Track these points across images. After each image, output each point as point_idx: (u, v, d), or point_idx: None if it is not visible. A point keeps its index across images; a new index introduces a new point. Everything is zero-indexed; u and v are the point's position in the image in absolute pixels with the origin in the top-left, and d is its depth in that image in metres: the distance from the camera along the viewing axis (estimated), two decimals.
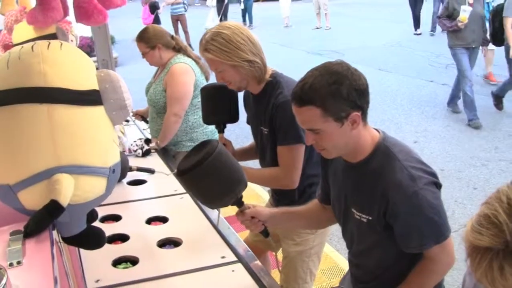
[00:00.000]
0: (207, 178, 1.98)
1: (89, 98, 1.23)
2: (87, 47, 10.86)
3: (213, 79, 2.90)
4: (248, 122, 2.96)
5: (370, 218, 1.90)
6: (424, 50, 12.77)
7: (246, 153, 3.02)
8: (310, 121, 1.82)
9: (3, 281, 0.82)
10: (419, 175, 1.80)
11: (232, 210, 2.29)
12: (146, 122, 4.39)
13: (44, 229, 1.14)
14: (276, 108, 2.49)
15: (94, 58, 5.17)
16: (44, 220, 1.14)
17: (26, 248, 1.07)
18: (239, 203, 2.15)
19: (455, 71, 7.93)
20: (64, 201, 1.13)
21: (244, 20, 18.39)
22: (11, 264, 1.00)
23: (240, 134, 5.94)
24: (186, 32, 15.09)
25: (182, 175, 2.01)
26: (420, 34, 14.62)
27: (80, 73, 1.24)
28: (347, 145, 1.87)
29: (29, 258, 1.03)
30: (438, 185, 1.86)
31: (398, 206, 1.79)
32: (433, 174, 1.87)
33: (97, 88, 1.26)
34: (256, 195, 5.36)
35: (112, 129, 1.31)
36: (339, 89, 1.75)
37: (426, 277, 1.94)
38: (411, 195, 1.77)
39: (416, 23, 14.76)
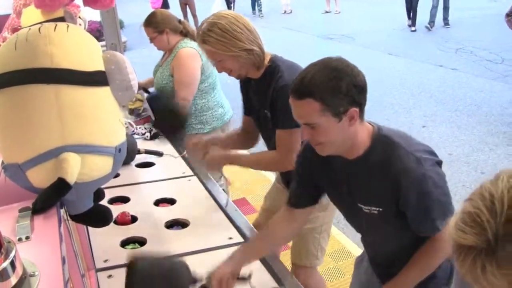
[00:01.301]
0: None
1: (95, 78, 1.25)
2: (96, 32, 10.85)
3: None
4: (245, 113, 2.95)
5: (381, 209, 1.91)
6: (433, 34, 12.70)
7: (228, 143, 3.06)
8: (308, 115, 1.80)
9: (12, 253, 0.85)
10: (424, 157, 1.81)
11: (240, 193, 2.33)
12: (148, 92, 4.38)
13: (51, 206, 1.17)
14: (277, 92, 2.49)
15: (103, 43, 5.19)
16: (51, 197, 1.17)
17: (34, 224, 1.10)
18: (196, 282, 2.01)
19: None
20: (71, 179, 1.16)
21: (253, 8, 18.19)
22: (20, 239, 1.03)
23: None
24: (194, 16, 15.04)
25: None
26: (415, 31, 13.35)
27: (86, 54, 1.26)
28: (344, 142, 1.85)
29: (37, 234, 1.06)
30: (439, 163, 1.88)
31: (410, 190, 1.80)
32: (433, 153, 1.90)
33: (103, 69, 1.28)
34: (263, 177, 5.38)
35: (118, 109, 1.34)
36: (338, 85, 1.73)
37: (433, 256, 1.95)
38: (420, 178, 1.78)
39: (412, 17, 13.50)
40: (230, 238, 2.52)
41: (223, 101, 4.01)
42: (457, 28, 13.05)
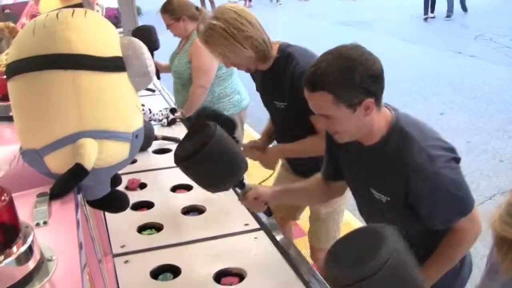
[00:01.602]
0: (207, 164, 1.92)
1: (113, 64, 1.25)
2: (114, 18, 10.85)
3: None
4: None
5: (389, 199, 1.90)
6: (453, 21, 12.56)
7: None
8: (322, 106, 1.79)
9: (30, 238, 0.85)
10: (437, 154, 1.78)
11: (255, 180, 2.33)
12: (158, 77, 4.42)
13: (68, 192, 1.17)
14: (298, 80, 2.47)
15: (121, 29, 5.21)
16: (68, 183, 1.17)
17: (51, 209, 1.10)
18: (241, 185, 2.14)
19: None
20: (88, 165, 1.16)
21: None
22: (37, 224, 1.04)
23: None
24: (212, 1, 15.03)
25: (181, 161, 1.96)
26: (433, 17, 12.91)
27: (103, 40, 1.26)
28: (360, 130, 1.84)
29: (55, 219, 1.07)
30: (457, 160, 1.85)
31: (420, 188, 1.79)
32: (451, 149, 1.85)
33: (120, 55, 1.28)
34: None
35: (135, 95, 1.34)
36: (352, 76, 1.70)
37: (456, 248, 1.94)
38: (432, 176, 1.76)
39: (431, 5, 12.94)
40: (246, 224, 2.53)
41: (240, 87, 4.01)
42: (477, 15, 12.89)
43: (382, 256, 1.44)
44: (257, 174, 2.98)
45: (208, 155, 1.89)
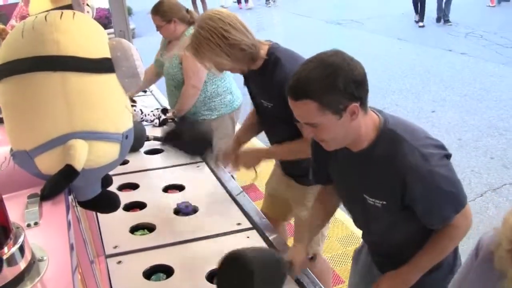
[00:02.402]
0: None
1: (102, 66, 1.26)
2: (105, 19, 10.85)
3: None
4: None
5: (385, 203, 1.90)
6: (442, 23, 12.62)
7: (247, 132, 3.07)
8: (307, 115, 1.77)
9: (21, 239, 0.86)
10: (430, 152, 1.78)
11: (248, 179, 2.34)
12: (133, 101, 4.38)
13: (59, 193, 1.18)
14: (283, 85, 2.48)
15: (111, 30, 5.20)
16: (59, 183, 1.18)
17: (42, 210, 1.11)
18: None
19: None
20: (79, 165, 1.16)
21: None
22: (28, 225, 1.04)
23: None
24: (203, 2, 15.00)
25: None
26: (423, 27, 12.27)
27: (92, 41, 1.27)
28: (347, 136, 1.83)
29: (46, 220, 1.08)
30: (448, 156, 1.86)
31: (416, 188, 1.79)
32: (442, 147, 1.86)
33: (109, 56, 1.28)
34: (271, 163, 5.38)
35: (124, 96, 1.34)
36: (335, 81, 1.69)
37: (447, 242, 1.96)
38: (427, 175, 1.76)
39: (420, 12, 12.49)
40: (239, 224, 2.54)
41: (233, 87, 4.01)
42: (467, 12, 12.94)
43: None
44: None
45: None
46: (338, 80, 1.69)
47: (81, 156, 1.17)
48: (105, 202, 1.41)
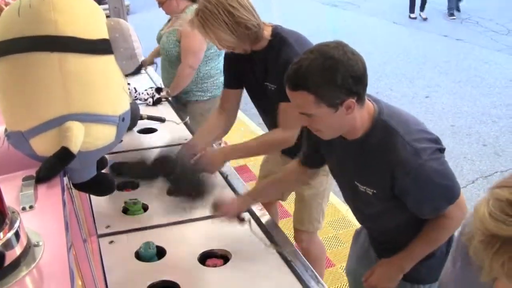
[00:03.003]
0: None
1: (100, 47, 1.24)
2: None
3: None
4: (232, 86, 2.89)
5: (375, 191, 1.91)
6: (439, 3, 12.55)
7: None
8: (303, 105, 1.77)
9: (17, 224, 0.84)
10: (422, 147, 1.78)
11: (241, 160, 2.34)
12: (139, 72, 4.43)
13: (55, 175, 1.17)
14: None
15: (106, 6, 5.14)
16: (55, 166, 1.17)
17: (38, 193, 1.10)
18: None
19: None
20: (75, 148, 1.15)
21: None
22: (23, 208, 1.03)
23: None
24: None
25: None
26: (426, 19, 11.37)
27: (90, 22, 1.25)
28: (341, 128, 1.84)
29: (41, 203, 1.06)
30: (441, 150, 1.85)
31: (407, 182, 1.79)
32: (435, 140, 1.86)
33: (107, 37, 1.27)
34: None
35: (122, 78, 1.33)
36: (333, 76, 1.68)
37: (442, 231, 1.96)
38: (418, 169, 1.76)
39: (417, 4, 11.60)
40: None
41: None
42: None
43: None
44: None
45: None
46: (336, 74, 1.68)
47: (78, 138, 1.16)
48: (100, 185, 1.40)
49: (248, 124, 5.88)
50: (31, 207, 1.04)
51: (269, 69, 2.58)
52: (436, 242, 1.99)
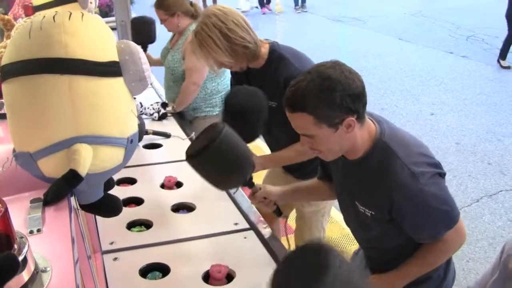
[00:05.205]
0: (213, 162, 2.00)
1: (109, 69, 1.25)
2: (106, 7, 10.81)
3: None
4: None
5: (373, 213, 1.91)
6: (445, 20, 12.57)
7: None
8: (303, 127, 1.78)
9: (25, 249, 0.85)
10: (421, 171, 1.78)
11: None
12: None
13: (63, 198, 1.17)
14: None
15: (113, 18, 5.18)
16: (63, 189, 1.17)
17: (45, 216, 1.10)
18: (249, 184, 2.19)
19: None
20: (83, 171, 1.16)
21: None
22: (31, 232, 1.03)
23: None
24: None
25: (189, 159, 2.04)
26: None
27: (100, 44, 1.26)
28: (342, 148, 1.85)
29: (49, 226, 1.07)
30: (442, 175, 1.85)
31: (404, 205, 1.80)
32: (436, 165, 1.86)
33: (117, 59, 1.27)
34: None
35: (131, 100, 1.33)
36: (331, 96, 1.69)
37: (437, 256, 1.96)
38: (416, 193, 1.77)
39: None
40: (236, 223, 2.53)
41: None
42: (469, 14, 12.93)
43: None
44: None
45: (214, 153, 1.96)
46: (335, 94, 1.69)
47: (86, 161, 1.17)
48: (107, 206, 1.41)
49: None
50: (38, 230, 1.04)
51: (268, 87, 2.61)
52: (431, 265, 2.00)
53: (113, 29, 1.37)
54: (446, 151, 5.77)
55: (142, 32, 4.20)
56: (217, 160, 2.00)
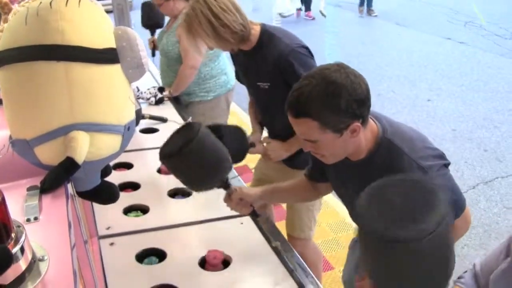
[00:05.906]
0: (188, 163, 1.90)
1: (106, 56, 1.24)
2: None
3: None
4: (238, 79, 3.04)
5: None
6: (443, 6, 12.55)
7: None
8: (307, 132, 1.74)
9: (22, 239, 0.85)
10: (429, 164, 1.76)
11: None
12: (153, 55, 4.51)
13: (60, 185, 1.17)
14: (285, 60, 2.52)
15: (109, 1, 5.13)
16: (60, 176, 1.16)
17: (42, 204, 1.10)
18: (225, 186, 2.12)
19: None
20: (80, 158, 1.15)
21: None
22: (28, 220, 1.03)
23: None
24: None
25: (164, 159, 1.94)
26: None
27: (97, 31, 1.24)
28: (346, 151, 1.82)
29: (46, 214, 1.07)
30: (447, 165, 1.85)
31: None
32: (441, 156, 1.85)
33: (114, 46, 1.26)
34: None
35: (128, 87, 1.32)
36: (337, 102, 1.64)
37: None
38: None
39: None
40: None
41: (227, 68, 3.99)
42: (468, 1, 12.89)
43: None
44: None
45: (190, 153, 1.87)
46: (340, 100, 1.65)
47: (83, 148, 1.16)
48: (104, 194, 1.40)
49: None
50: (35, 218, 1.04)
51: (259, 68, 2.62)
52: None
53: (109, 12, 1.35)
54: (442, 138, 5.78)
55: (151, 16, 4.22)
56: (192, 162, 1.90)
